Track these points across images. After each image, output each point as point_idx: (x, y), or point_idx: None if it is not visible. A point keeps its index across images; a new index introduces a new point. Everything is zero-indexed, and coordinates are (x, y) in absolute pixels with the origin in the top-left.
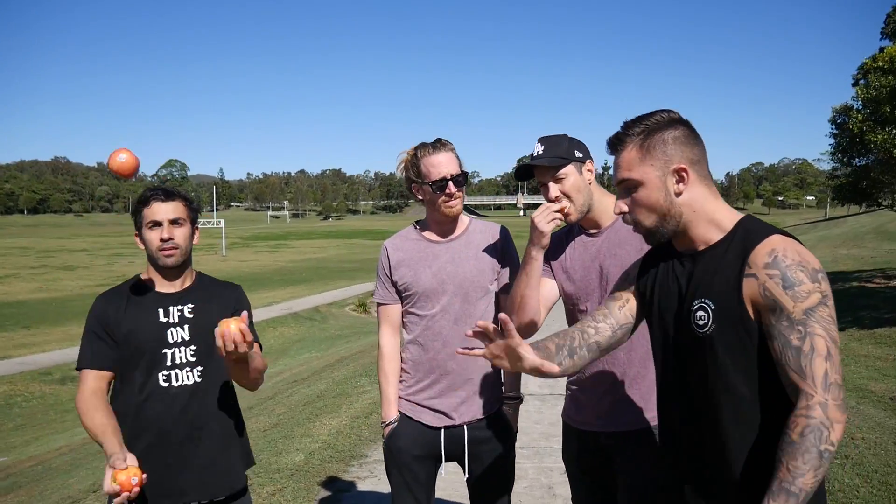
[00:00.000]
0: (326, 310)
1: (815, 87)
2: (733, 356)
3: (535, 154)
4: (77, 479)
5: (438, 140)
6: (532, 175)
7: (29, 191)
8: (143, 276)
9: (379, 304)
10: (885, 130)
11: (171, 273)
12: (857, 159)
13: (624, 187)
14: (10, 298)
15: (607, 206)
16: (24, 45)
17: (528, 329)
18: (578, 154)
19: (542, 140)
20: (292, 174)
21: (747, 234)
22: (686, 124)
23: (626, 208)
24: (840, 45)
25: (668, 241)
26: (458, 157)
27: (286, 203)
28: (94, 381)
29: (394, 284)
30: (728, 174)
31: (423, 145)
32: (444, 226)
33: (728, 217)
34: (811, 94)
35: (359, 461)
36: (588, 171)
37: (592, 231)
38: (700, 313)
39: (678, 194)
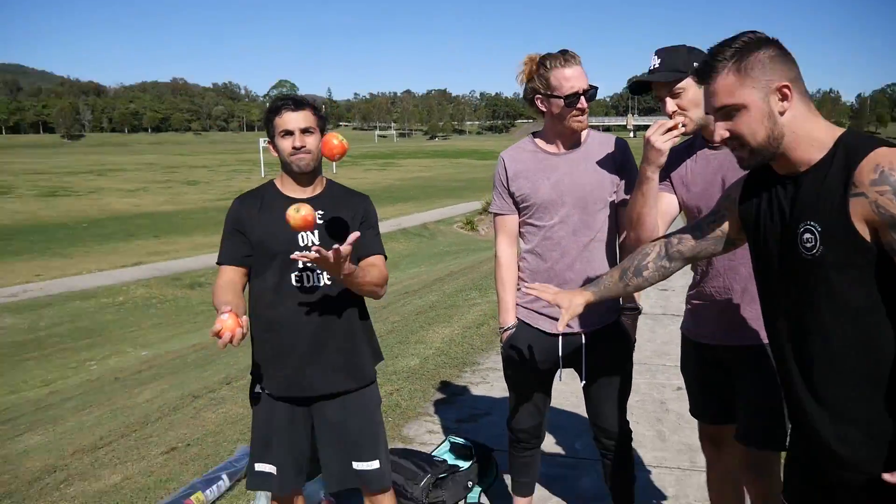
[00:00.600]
0: (434, 227)
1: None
2: (846, 276)
3: (652, 67)
4: (211, 371)
5: (567, 52)
6: (648, 90)
7: (152, 110)
8: (277, 183)
9: (496, 215)
10: None
11: (303, 178)
12: None
13: (724, 113)
14: (142, 210)
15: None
16: None
17: (649, 235)
18: (697, 65)
19: (659, 52)
20: (398, 94)
21: (848, 151)
22: (777, 43)
23: (727, 133)
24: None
25: (768, 165)
26: (584, 71)
27: (393, 123)
28: (229, 274)
29: (511, 195)
30: (860, 95)
31: (551, 56)
32: (566, 138)
33: (828, 134)
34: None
35: (471, 367)
36: None
37: (716, 143)
38: (807, 235)
39: (782, 113)
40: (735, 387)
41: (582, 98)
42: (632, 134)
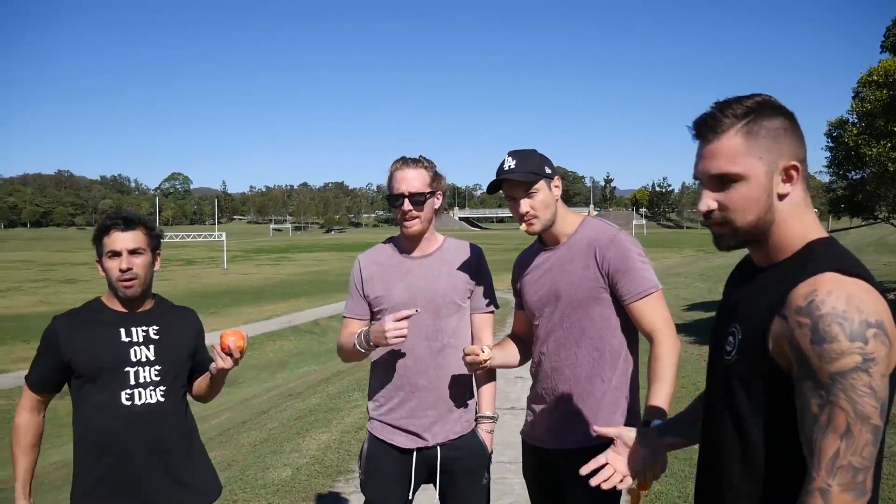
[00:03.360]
0: (326, 323)
1: (814, 100)
2: (748, 393)
3: (507, 168)
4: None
5: (414, 157)
6: (500, 188)
7: (32, 204)
8: (104, 299)
9: (345, 318)
10: (879, 144)
11: (131, 302)
12: (852, 172)
13: (718, 181)
14: (11, 312)
15: (568, 223)
16: (27, 59)
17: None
18: (548, 170)
19: (513, 154)
20: (295, 187)
21: (805, 264)
22: (791, 115)
23: (714, 205)
24: (840, 58)
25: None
26: (434, 176)
27: (289, 216)
28: (30, 401)
29: (364, 298)
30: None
31: (400, 159)
32: (411, 242)
33: (805, 234)
34: (810, 108)
35: (345, 476)
36: (556, 187)
37: (551, 247)
38: (730, 338)
39: (781, 197)
40: (563, 489)
41: (405, 201)
42: (522, 226)
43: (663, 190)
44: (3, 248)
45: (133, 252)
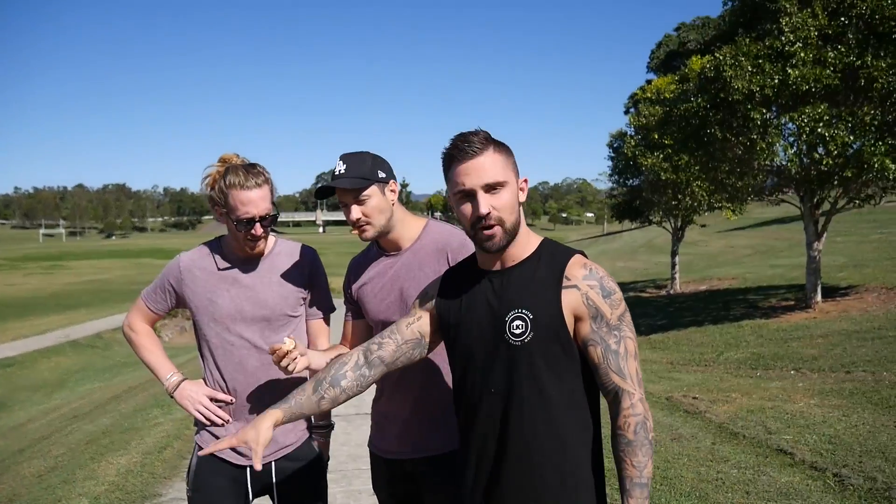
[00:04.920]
0: (111, 336)
1: (593, 114)
2: (549, 363)
3: (338, 173)
4: None
5: (252, 169)
6: (333, 193)
7: None
8: None
9: (143, 301)
10: (653, 155)
11: None
12: (630, 180)
13: (491, 189)
14: None
15: (409, 226)
16: None
17: None
18: (382, 174)
19: (344, 158)
20: (69, 188)
21: (555, 253)
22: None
23: (493, 210)
24: (617, 74)
25: (469, 261)
26: (272, 189)
27: (62, 220)
28: None
29: (176, 297)
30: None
31: (233, 170)
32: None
33: (533, 237)
34: (592, 120)
35: (152, 501)
36: (391, 191)
37: (392, 252)
38: (517, 322)
39: (520, 205)
40: (424, 500)
41: (258, 225)
42: (321, 230)
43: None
44: None
45: None
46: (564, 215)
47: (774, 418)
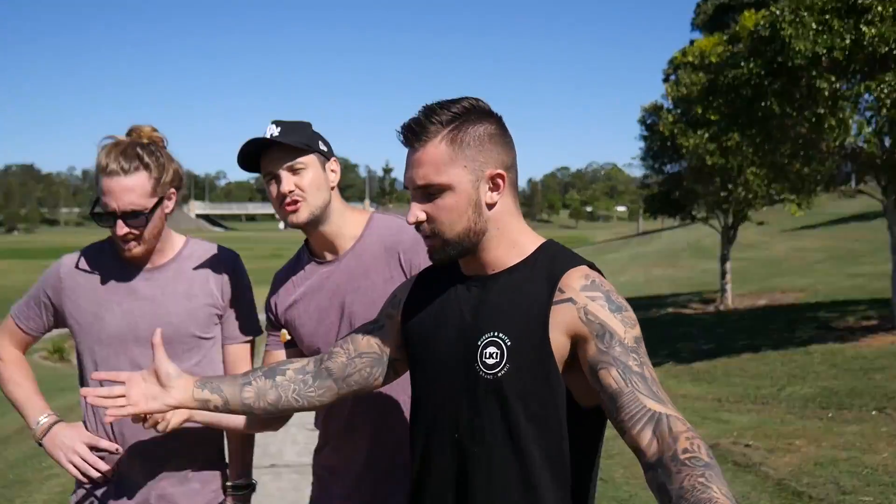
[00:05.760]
0: None
1: (627, 82)
2: (527, 405)
3: (270, 135)
4: None
5: (130, 150)
6: (257, 167)
7: None
8: None
9: (14, 317)
10: (696, 134)
11: None
12: (668, 165)
13: (424, 192)
14: None
15: (350, 222)
16: None
17: (273, 428)
18: (323, 147)
19: (277, 122)
20: None
21: (554, 259)
22: (499, 119)
23: (423, 216)
24: (654, 35)
25: (450, 263)
26: (159, 177)
27: None
28: None
29: (54, 313)
30: (530, 181)
31: (107, 150)
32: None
33: (531, 239)
34: (622, 90)
35: None
36: (332, 171)
37: (328, 258)
38: (490, 349)
39: (490, 206)
40: None
41: (118, 223)
42: (282, 225)
43: None
44: None
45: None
46: (590, 209)
47: (850, 473)
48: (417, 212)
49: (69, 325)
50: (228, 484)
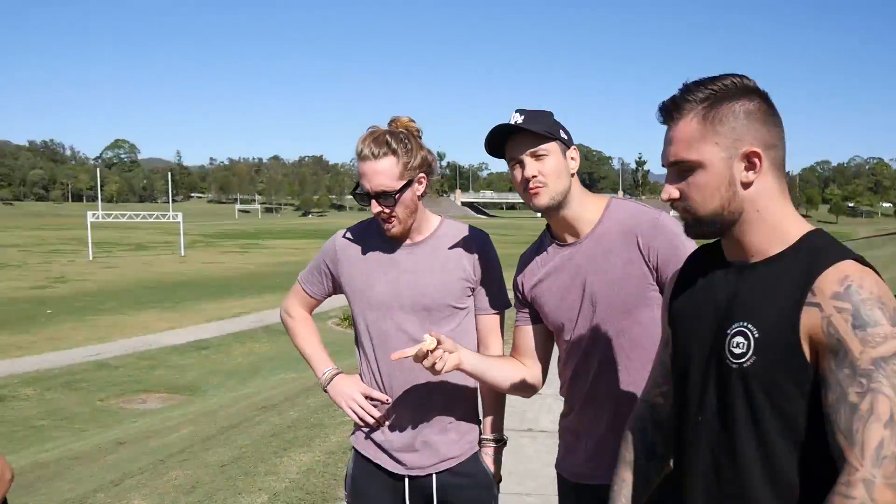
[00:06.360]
0: None
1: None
2: (771, 398)
3: (514, 122)
4: None
5: (382, 137)
6: (502, 153)
7: None
8: None
9: (301, 282)
10: None
11: None
12: None
13: (678, 169)
14: None
15: (588, 207)
16: None
17: (525, 393)
18: (564, 135)
19: (521, 110)
20: (265, 160)
21: (816, 253)
22: (764, 96)
23: (676, 194)
24: None
25: (714, 245)
26: (406, 162)
27: (258, 195)
28: None
29: (333, 280)
30: (788, 174)
31: (363, 138)
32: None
33: (795, 226)
34: (891, 81)
35: None
36: (572, 158)
37: (569, 241)
38: (738, 339)
39: (746, 185)
40: None
41: (373, 202)
42: (540, 213)
43: None
44: None
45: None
46: (851, 205)
47: None
48: (671, 189)
49: (344, 291)
50: (482, 437)
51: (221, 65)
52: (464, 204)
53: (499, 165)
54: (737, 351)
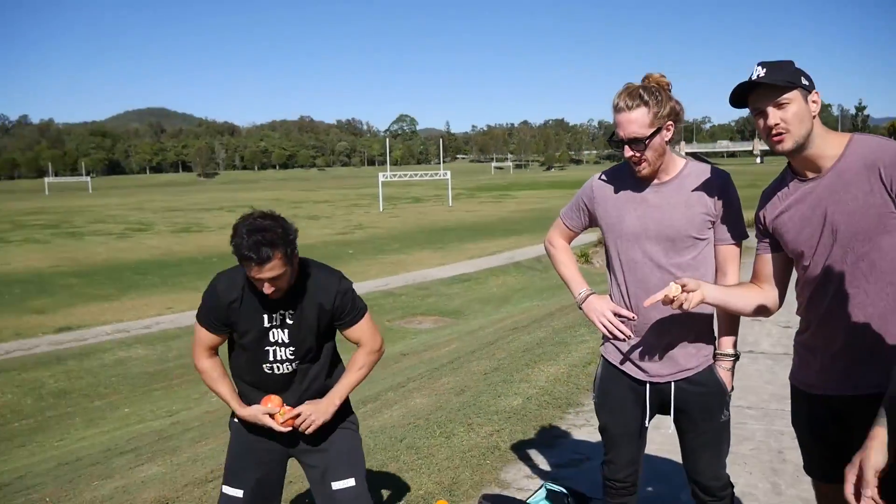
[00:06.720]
0: (548, 260)
1: None
2: None
3: (756, 77)
4: None
5: (635, 90)
6: (746, 103)
7: (280, 148)
8: None
9: (562, 217)
10: None
11: None
12: None
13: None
14: None
15: (830, 144)
16: (275, 19)
17: (764, 315)
18: (805, 81)
19: (763, 63)
20: (515, 125)
21: None
22: None
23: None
24: None
25: None
26: (656, 112)
27: (510, 154)
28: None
29: (590, 215)
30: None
31: (620, 93)
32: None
33: None
34: None
35: (575, 409)
36: (814, 102)
37: (811, 175)
38: None
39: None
40: (853, 441)
41: (626, 147)
42: (759, 160)
43: None
44: (257, 188)
45: (273, 279)
46: None
47: None
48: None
49: (599, 224)
50: (718, 352)
51: (480, 50)
52: (687, 154)
53: (721, 118)
54: None
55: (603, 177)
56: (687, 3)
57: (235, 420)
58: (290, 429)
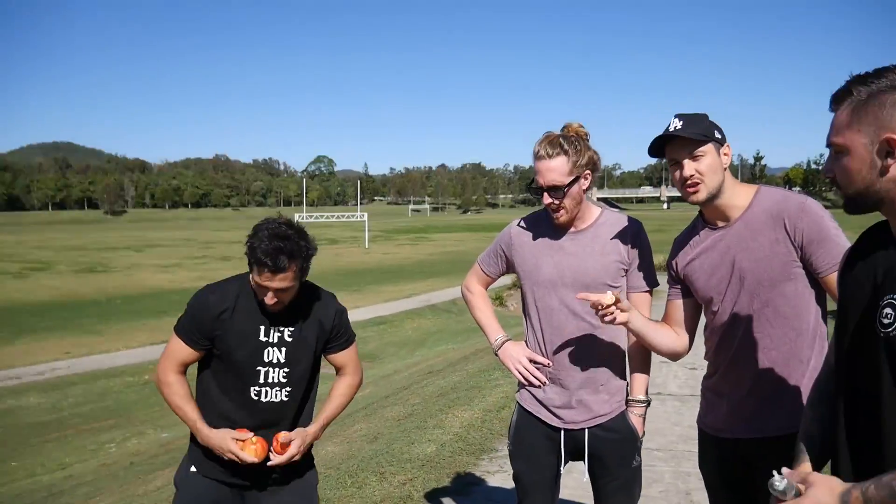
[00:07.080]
0: (463, 303)
1: None
2: None
3: (673, 128)
4: None
5: (555, 139)
6: (663, 153)
7: (193, 186)
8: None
9: (479, 265)
10: None
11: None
12: None
13: (833, 152)
14: (175, 286)
15: (739, 195)
16: (191, 53)
17: (673, 357)
18: (718, 135)
19: (680, 116)
20: (433, 168)
21: None
22: None
23: (831, 174)
24: None
25: (884, 223)
26: (575, 161)
27: (427, 197)
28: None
29: (507, 262)
30: None
31: (540, 140)
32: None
33: None
34: None
35: (489, 455)
36: (725, 154)
37: (721, 224)
38: (888, 311)
39: (884, 170)
40: (756, 482)
41: (545, 194)
42: (665, 205)
43: (820, 167)
44: (167, 227)
45: (281, 290)
46: None
47: None
48: (828, 167)
49: (517, 271)
50: (630, 398)
51: (399, 94)
52: (599, 199)
53: (632, 165)
54: (885, 321)
55: (521, 223)
56: (601, 53)
57: (192, 470)
58: (257, 461)
